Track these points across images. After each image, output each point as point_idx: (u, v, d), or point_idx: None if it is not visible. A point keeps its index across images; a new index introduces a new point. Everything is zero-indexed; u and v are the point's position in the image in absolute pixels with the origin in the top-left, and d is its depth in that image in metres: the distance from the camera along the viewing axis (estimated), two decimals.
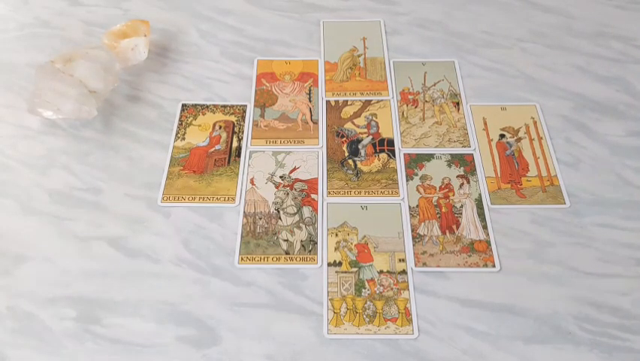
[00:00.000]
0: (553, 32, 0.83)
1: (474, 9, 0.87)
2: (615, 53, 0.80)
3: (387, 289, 0.58)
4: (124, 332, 0.55)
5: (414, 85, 0.77)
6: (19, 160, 0.68)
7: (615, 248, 0.61)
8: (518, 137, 0.71)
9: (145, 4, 0.87)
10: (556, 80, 0.77)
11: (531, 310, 0.57)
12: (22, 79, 0.77)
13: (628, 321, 0.56)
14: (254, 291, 0.58)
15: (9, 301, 0.57)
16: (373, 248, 0.61)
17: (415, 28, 0.84)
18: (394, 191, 0.66)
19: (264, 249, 0.61)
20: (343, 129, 0.72)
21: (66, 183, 0.66)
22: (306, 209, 0.64)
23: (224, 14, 0.86)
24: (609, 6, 0.87)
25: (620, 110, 0.74)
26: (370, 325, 0.56)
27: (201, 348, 0.54)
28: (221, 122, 0.73)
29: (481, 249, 0.61)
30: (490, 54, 0.80)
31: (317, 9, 0.87)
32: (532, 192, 0.66)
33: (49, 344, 0.54)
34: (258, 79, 0.78)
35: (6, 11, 0.86)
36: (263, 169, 0.68)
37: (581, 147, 0.70)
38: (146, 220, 0.63)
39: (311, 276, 0.59)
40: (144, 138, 0.71)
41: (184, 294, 0.58)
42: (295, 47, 0.82)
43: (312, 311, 0.57)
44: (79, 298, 0.57)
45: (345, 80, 0.78)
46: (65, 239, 0.62)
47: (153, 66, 0.78)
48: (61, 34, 0.83)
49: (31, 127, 0.71)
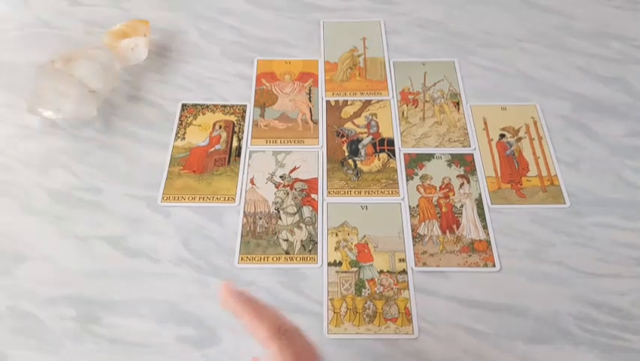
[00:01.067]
0: (553, 32, 0.83)
1: (474, 9, 0.87)
2: (615, 53, 0.80)
3: (388, 289, 0.58)
4: (124, 332, 0.55)
5: (414, 85, 0.77)
6: (19, 160, 0.68)
7: (615, 248, 0.61)
8: (518, 137, 0.71)
9: (145, 4, 0.87)
10: (556, 80, 0.77)
11: (531, 310, 0.57)
12: (22, 79, 0.76)
13: (628, 321, 0.56)
14: (254, 291, 0.58)
15: (9, 301, 0.57)
16: (373, 248, 0.61)
17: (415, 28, 0.84)
18: (394, 191, 0.66)
19: (264, 249, 0.61)
20: (343, 129, 0.72)
21: (66, 183, 0.66)
22: (306, 209, 0.64)
23: (224, 14, 0.86)
24: (609, 6, 0.87)
25: (620, 110, 0.74)
26: (370, 325, 0.56)
27: (201, 348, 0.54)
28: (221, 122, 0.73)
29: (481, 249, 0.61)
30: (490, 54, 0.80)
31: (317, 9, 0.87)
32: (533, 192, 0.66)
33: (49, 344, 0.54)
34: (258, 79, 0.78)
35: (6, 11, 0.86)
36: (263, 169, 0.68)
37: (581, 147, 0.70)
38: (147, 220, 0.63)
39: (311, 276, 0.59)
40: (144, 138, 0.71)
41: (184, 294, 0.58)
42: (295, 47, 0.82)
43: (312, 311, 0.57)
44: (79, 298, 0.57)
45: (345, 80, 0.78)
46: (65, 239, 0.62)
47: (153, 66, 0.78)
48: (61, 34, 0.83)
49: (31, 127, 0.71)
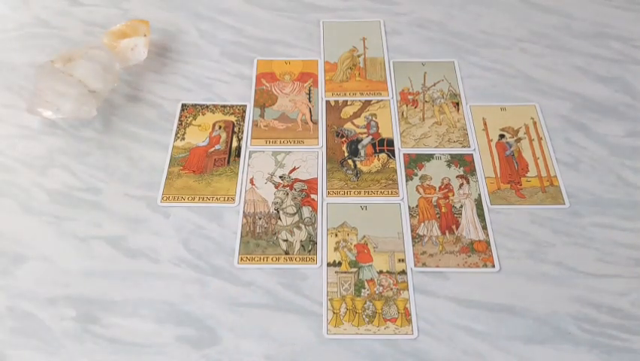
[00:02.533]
0: (553, 32, 0.83)
1: (474, 9, 0.87)
2: (615, 54, 0.80)
3: (387, 290, 0.58)
4: (123, 332, 0.55)
5: (414, 85, 0.77)
6: (18, 160, 0.68)
7: (615, 248, 0.61)
8: (518, 137, 0.71)
9: (145, 4, 0.87)
10: (555, 81, 0.77)
11: (530, 310, 0.57)
12: (21, 79, 0.76)
13: (627, 321, 0.56)
14: (253, 291, 0.58)
15: (9, 301, 0.57)
16: (373, 248, 0.61)
17: (414, 29, 0.84)
18: (394, 191, 0.66)
19: (264, 249, 0.61)
20: (343, 129, 0.72)
21: (66, 183, 0.66)
22: (305, 209, 0.64)
23: (224, 14, 0.86)
24: (609, 6, 0.87)
25: (620, 110, 0.74)
26: (370, 325, 0.56)
27: (201, 348, 0.54)
28: (221, 122, 0.73)
29: (481, 249, 0.61)
30: (490, 54, 0.80)
31: (317, 9, 0.87)
32: (532, 193, 0.66)
33: (48, 344, 0.54)
34: (257, 79, 0.78)
35: (5, 11, 0.86)
36: (262, 169, 0.68)
37: (581, 148, 0.70)
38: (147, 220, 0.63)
39: (310, 276, 0.59)
40: (144, 138, 0.71)
41: (183, 294, 0.58)
42: (295, 47, 0.82)
43: (312, 311, 0.57)
44: (78, 298, 0.57)
45: (344, 80, 0.78)
46: (65, 239, 0.62)
47: (153, 66, 0.78)
48: (61, 34, 0.83)
49: (31, 127, 0.71)
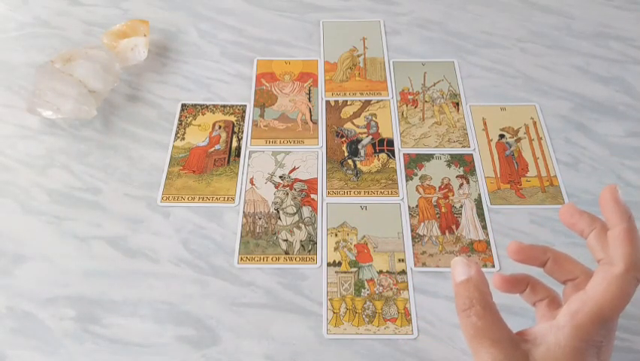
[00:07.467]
0: (553, 32, 0.83)
1: (474, 9, 0.87)
2: (615, 54, 0.80)
3: (387, 289, 0.58)
4: (123, 332, 0.55)
5: (413, 85, 0.77)
6: (18, 160, 0.68)
7: None
8: (518, 137, 0.71)
9: (145, 4, 0.87)
10: (555, 81, 0.77)
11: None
12: (21, 79, 0.76)
13: (627, 321, 0.56)
14: (253, 291, 0.58)
15: (8, 301, 0.57)
16: (373, 248, 0.61)
17: (414, 29, 0.84)
18: (394, 191, 0.66)
19: (264, 249, 0.61)
20: (343, 129, 0.72)
21: (65, 183, 0.66)
22: (305, 209, 0.64)
23: (224, 14, 0.86)
24: (609, 6, 0.87)
25: (620, 110, 0.74)
26: (370, 325, 0.56)
27: (200, 348, 0.54)
28: (221, 122, 0.73)
29: (481, 249, 0.61)
30: (490, 54, 0.80)
31: (317, 9, 0.87)
32: (532, 193, 0.66)
33: (48, 344, 0.54)
34: (257, 79, 0.78)
35: (5, 11, 0.86)
36: (262, 169, 0.68)
37: (581, 147, 0.70)
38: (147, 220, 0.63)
39: (310, 276, 0.59)
40: (144, 138, 0.71)
41: (183, 294, 0.58)
42: (295, 47, 0.82)
43: (312, 311, 0.57)
44: (78, 298, 0.57)
45: (344, 80, 0.78)
46: (65, 239, 0.62)
47: (153, 66, 0.78)
48: (61, 34, 0.83)
49: (31, 127, 0.71)
